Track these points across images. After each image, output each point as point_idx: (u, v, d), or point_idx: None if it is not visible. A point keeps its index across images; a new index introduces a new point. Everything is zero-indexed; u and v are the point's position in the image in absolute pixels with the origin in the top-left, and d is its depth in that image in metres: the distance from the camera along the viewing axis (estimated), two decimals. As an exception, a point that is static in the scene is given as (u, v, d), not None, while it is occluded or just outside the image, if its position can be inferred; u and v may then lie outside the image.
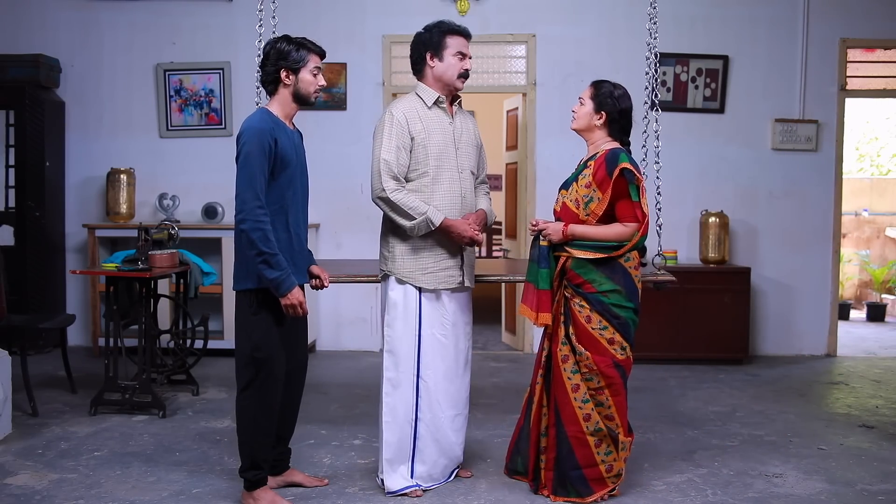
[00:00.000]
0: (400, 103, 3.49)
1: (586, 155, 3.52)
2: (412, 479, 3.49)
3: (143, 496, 3.47)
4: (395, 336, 3.48)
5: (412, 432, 3.48)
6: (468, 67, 3.49)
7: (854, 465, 3.93)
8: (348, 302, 6.55)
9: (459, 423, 3.59)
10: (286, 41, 3.31)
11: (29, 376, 4.65)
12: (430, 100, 3.48)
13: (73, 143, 6.73)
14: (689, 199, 6.46)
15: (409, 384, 3.47)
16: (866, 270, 9.18)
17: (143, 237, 4.77)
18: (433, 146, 3.44)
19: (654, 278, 3.93)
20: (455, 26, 3.50)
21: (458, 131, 3.53)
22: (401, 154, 3.39)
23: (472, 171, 3.58)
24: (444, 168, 3.45)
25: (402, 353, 3.47)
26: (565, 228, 3.37)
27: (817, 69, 6.49)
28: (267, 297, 3.24)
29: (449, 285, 3.50)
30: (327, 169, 6.29)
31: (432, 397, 3.48)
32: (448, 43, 3.46)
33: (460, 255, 3.52)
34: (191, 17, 6.63)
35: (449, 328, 3.52)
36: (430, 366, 3.47)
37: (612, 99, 3.43)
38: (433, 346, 3.48)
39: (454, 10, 6.41)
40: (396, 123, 3.40)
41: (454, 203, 3.48)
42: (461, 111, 3.62)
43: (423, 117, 3.45)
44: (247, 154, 3.16)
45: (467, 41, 3.51)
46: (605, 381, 3.36)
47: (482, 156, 3.69)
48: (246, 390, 3.27)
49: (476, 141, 3.63)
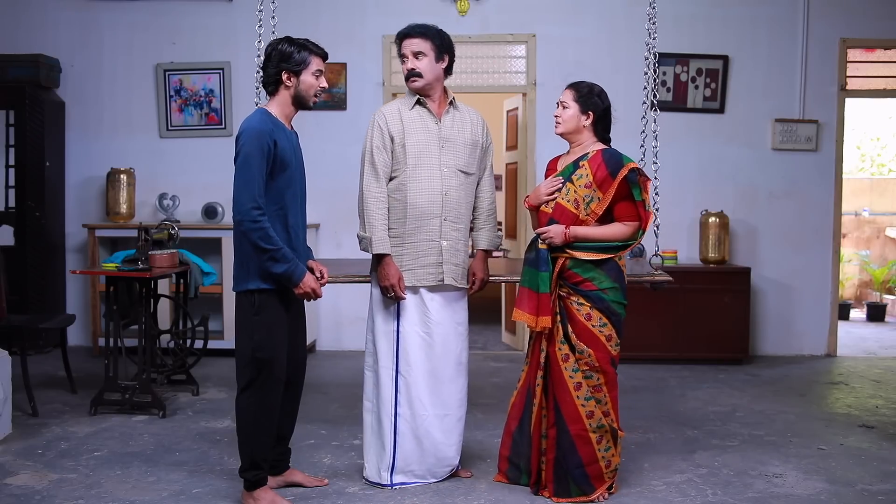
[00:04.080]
0: (383, 107, 3.64)
1: (571, 156, 3.52)
2: (392, 474, 3.53)
3: (143, 496, 3.47)
4: (376, 331, 3.58)
5: (392, 427, 3.52)
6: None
7: (854, 465, 3.93)
8: (348, 302, 6.55)
9: (450, 425, 3.57)
10: (288, 43, 3.29)
11: (29, 376, 4.65)
12: (410, 102, 3.57)
13: (73, 143, 6.73)
14: (689, 199, 6.46)
15: (388, 379, 3.53)
16: (866, 270, 9.18)
17: (143, 237, 4.77)
18: (411, 145, 3.51)
19: (650, 278, 3.94)
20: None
21: (445, 130, 3.56)
22: (382, 154, 3.52)
23: (461, 169, 3.58)
24: (423, 166, 3.51)
25: (381, 348, 3.56)
26: (567, 231, 3.37)
27: (817, 69, 6.49)
28: (268, 297, 3.24)
29: (427, 282, 3.52)
30: (327, 169, 6.28)
31: (412, 394, 3.51)
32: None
33: (440, 252, 3.53)
34: (191, 17, 6.62)
35: (432, 326, 3.53)
36: (409, 363, 3.51)
37: (596, 98, 3.46)
38: (414, 343, 3.52)
39: (454, 10, 6.41)
40: (376, 125, 3.54)
41: (434, 201, 3.51)
42: (458, 111, 3.64)
43: (403, 118, 3.54)
44: (246, 155, 3.15)
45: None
46: (603, 377, 3.39)
47: (481, 154, 3.68)
48: (246, 390, 3.27)
49: (472, 139, 3.62)
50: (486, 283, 3.70)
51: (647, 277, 3.94)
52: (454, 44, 3.66)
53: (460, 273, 3.61)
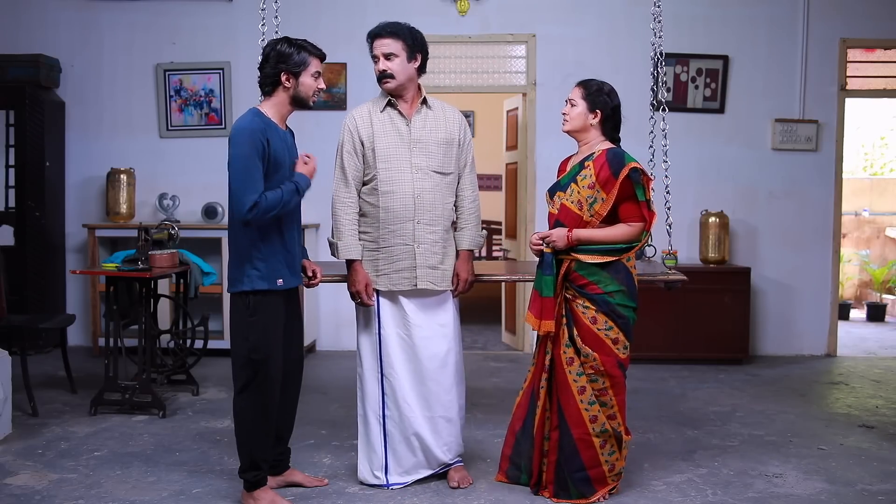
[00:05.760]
0: (355, 110, 3.59)
1: (579, 156, 3.50)
2: (387, 475, 3.54)
3: (143, 496, 3.47)
4: (360, 335, 3.62)
5: (381, 429, 3.54)
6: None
7: (854, 465, 3.93)
8: (348, 302, 6.38)
9: (440, 426, 3.55)
10: (287, 43, 3.28)
11: (29, 376, 4.65)
12: (381, 104, 3.53)
13: (73, 143, 6.73)
14: (689, 199, 6.46)
15: (374, 382, 3.56)
16: (866, 270, 9.17)
17: (143, 237, 4.77)
18: (381, 149, 3.48)
19: (664, 277, 3.91)
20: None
21: (416, 131, 3.50)
22: (352, 159, 3.52)
23: (435, 170, 3.51)
24: (394, 170, 3.47)
25: (365, 351, 3.60)
26: (570, 234, 3.35)
27: (817, 69, 6.49)
28: (263, 298, 3.24)
29: (402, 286, 3.51)
30: (327, 169, 6.21)
31: (398, 395, 3.52)
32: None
33: (414, 256, 3.49)
34: (191, 17, 6.62)
35: (412, 329, 3.52)
36: (392, 365, 3.52)
37: (604, 96, 3.43)
38: (396, 346, 3.53)
39: (454, 10, 6.41)
40: (346, 129, 3.54)
41: (406, 204, 3.47)
42: (431, 110, 3.56)
43: (373, 122, 3.50)
44: (241, 156, 3.15)
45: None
46: (609, 381, 3.36)
47: (458, 152, 3.58)
48: (244, 392, 3.27)
49: (446, 138, 3.53)
50: (470, 283, 3.62)
51: (661, 277, 3.92)
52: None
53: (439, 276, 3.53)
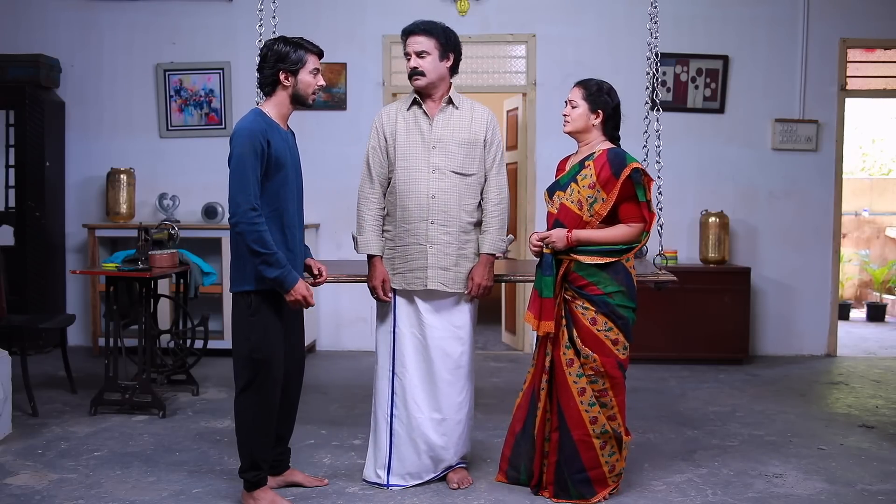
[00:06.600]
0: (385, 107, 3.66)
1: (579, 155, 3.49)
2: (389, 474, 3.54)
3: (143, 496, 3.47)
4: (378, 332, 3.63)
5: (388, 428, 3.55)
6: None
7: (854, 465, 3.93)
8: (348, 302, 6.55)
9: (447, 428, 3.54)
10: (283, 42, 3.28)
11: (29, 376, 4.65)
12: (408, 102, 3.56)
13: (73, 143, 6.73)
14: (689, 199, 6.46)
15: (385, 380, 3.57)
16: (866, 270, 9.18)
17: (143, 237, 4.77)
18: (401, 147, 3.50)
19: (655, 278, 3.91)
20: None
21: (438, 131, 3.50)
22: (378, 155, 3.55)
23: (455, 170, 3.48)
24: (412, 169, 3.48)
25: (381, 348, 3.60)
26: (569, 234, 3.34)
27: (817, 69, 6.49)
28: (264, 298, 3.23)
29: (415, 286, 3.51)
30: (327, 169, 6.29)
31: (408, 395, 3.52)
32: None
33: (426, 256, 3.49)
34: (191, 17, 6.63)
35: (426, 329, 3.52)
36: (405, 364, 3.53)
37: (605, 96, 3.42)
38: (410, 345, 3.53)
39: (454, 10, 6.41)
40: (374, 127, 3.58)
41: (420, 203, 3.47)
42: (457, 109, 3.54)
43: (398, 120, 3.53)
44: (239, 156, 3.15)
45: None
46: (609, 381, 3.36)
47: (484, 153, 3.54)
48: (244, 391, 3.26)
49: (469, 138, 3.51)
50: (485, 288, 3.52)
51: (651, 277, 3.91)
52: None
53: (451, 278, 3.50)
